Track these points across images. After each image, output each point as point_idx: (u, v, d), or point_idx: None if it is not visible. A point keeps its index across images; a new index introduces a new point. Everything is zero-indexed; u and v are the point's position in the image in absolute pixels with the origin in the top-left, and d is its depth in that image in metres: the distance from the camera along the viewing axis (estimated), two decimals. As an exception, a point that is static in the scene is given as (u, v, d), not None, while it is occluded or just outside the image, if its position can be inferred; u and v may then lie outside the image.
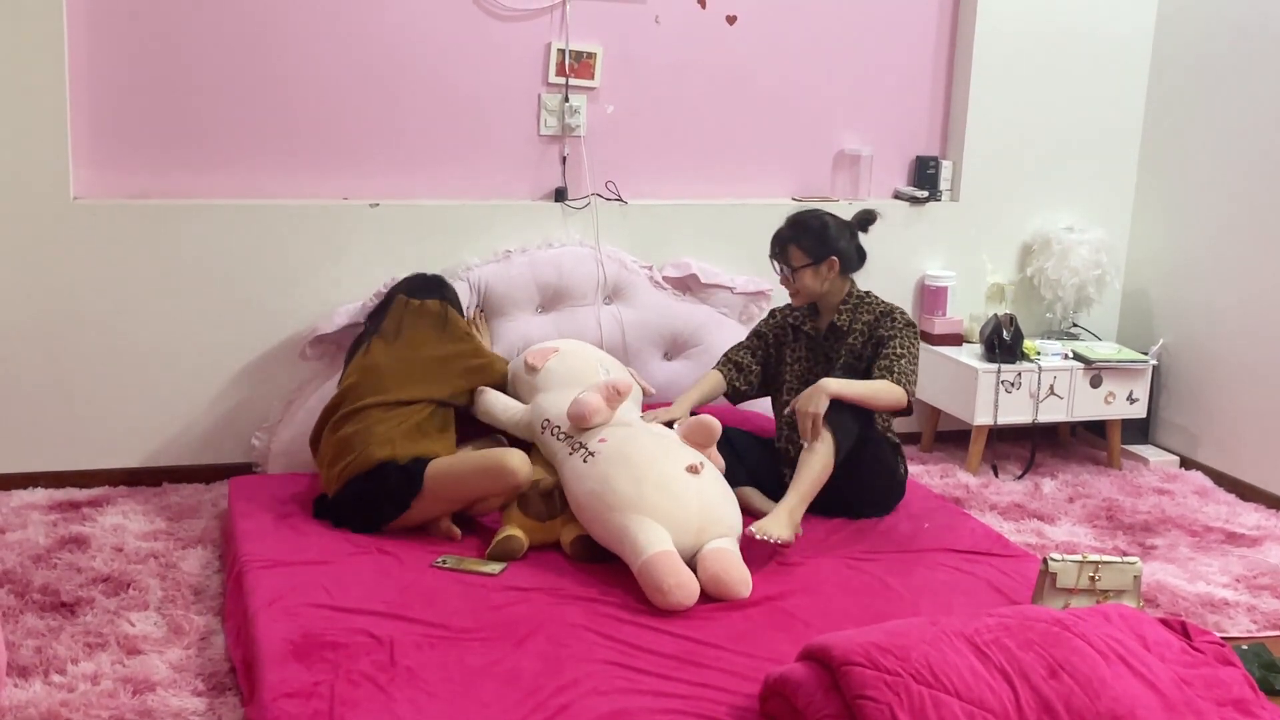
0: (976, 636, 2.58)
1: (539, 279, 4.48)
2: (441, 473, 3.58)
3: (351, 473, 3.60)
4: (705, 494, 3.41)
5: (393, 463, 3.58)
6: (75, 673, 3.03)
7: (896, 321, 3.80)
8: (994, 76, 5.01)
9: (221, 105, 4.32)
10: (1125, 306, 5.34)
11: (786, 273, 3.85)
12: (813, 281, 3.82)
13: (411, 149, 4.52)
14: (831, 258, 3.81)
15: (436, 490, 3.56)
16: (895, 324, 3.79)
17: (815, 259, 3.81)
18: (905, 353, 3.74)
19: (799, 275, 3.82)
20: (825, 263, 3.81)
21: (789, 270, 3.83)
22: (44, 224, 4.14)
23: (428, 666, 2.81)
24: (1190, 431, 5.03)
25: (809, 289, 3.84)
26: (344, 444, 3.68)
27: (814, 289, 3.84)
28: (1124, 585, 3.14)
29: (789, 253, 3.83)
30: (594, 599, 3.20)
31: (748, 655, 2.91)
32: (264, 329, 4.36)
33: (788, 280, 3.86)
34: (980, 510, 4.40)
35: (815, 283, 3.83)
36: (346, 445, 3.67)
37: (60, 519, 3.98)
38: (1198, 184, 5.01)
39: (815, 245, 3.81)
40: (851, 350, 3.82)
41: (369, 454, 3.60)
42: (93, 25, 4.15)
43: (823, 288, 3.84)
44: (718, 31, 4.74)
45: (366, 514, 3.58)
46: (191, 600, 3.47)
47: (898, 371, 3.70)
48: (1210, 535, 4.28)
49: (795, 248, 3.82)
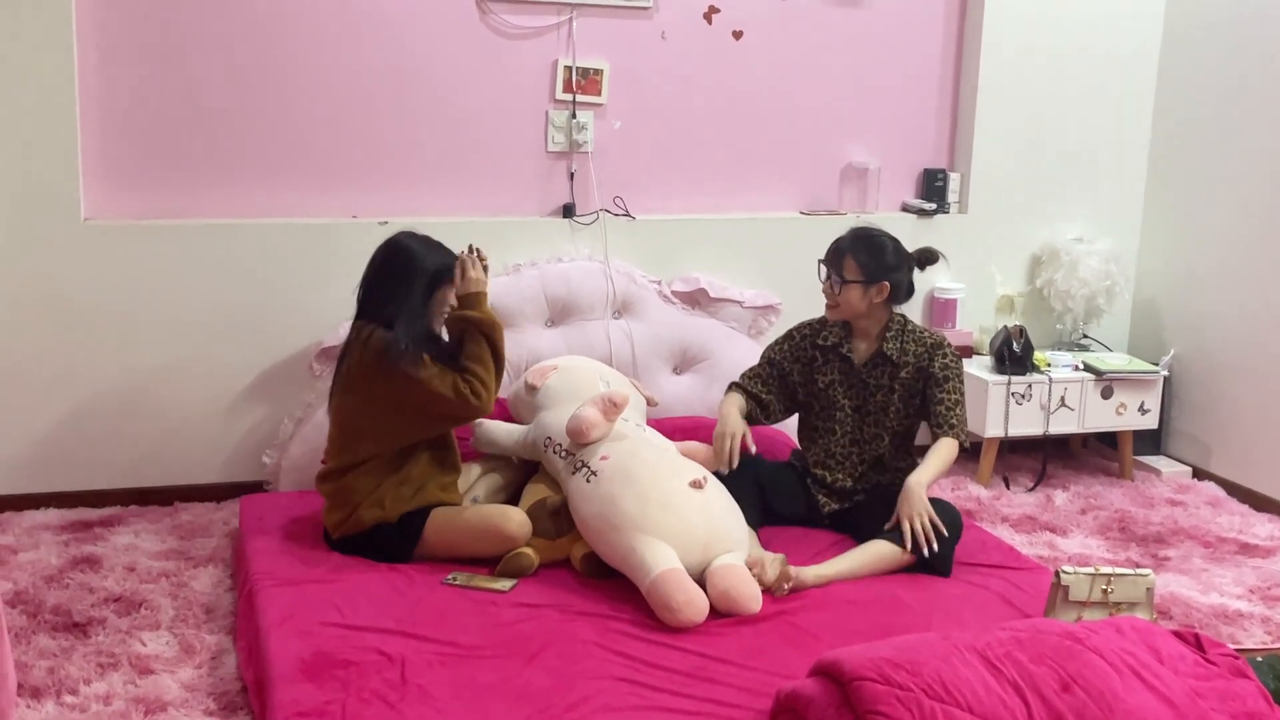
0: (988, 650, 2.57)
1: (548, 293, 4.48)
2: (438, 531, 3.51)
3: (347, 532, 3.54)
4: (710, 509, 3.40)
5: (384, 524, 3.51)
6: (87, 693, 3.04)
7: (948, 359, 3.69)
8: (1001, 88, 5.01)
9: (231, 125, 4.34)
10: (1136, 317, 5.33)
11: (835, 282, 3.70)
12: (858, 300, 3.67)
13: (420, 166, 4.53)
14: (884, 282, 3.67)
15: (435, 543, 3.52)
16: (948, 362, 3.68)
17: (869, 278, 3.66)
18: (961, 398, 3.68)
19: (846, 289, 3.67)
20: (877, 286, 3.66)
21: (838, 281, 3.69)
22: (55, 245, 4.16)
23: (439, 684, 2.81)
24: (1202, 442, 5.01)
25: (851, 306, 3.69)
26: (337, 496, 3.57)
27: (856, 308, 3.69)
28: (1137, 597, 3.13)
29: (844, 263, 3.68)
30: (604, 615, 3.19)
31: (759, 671, 2.90)
32: (274, 348, 4.37)
33: (831, 291, 3.72)
34: (992, 523, 4.39)
35: (860, 302, 3.68)
36: (340, 499, 3.56)
37: (72, 539, 3.99)
38: (1207, 193, 5.00)
39: (873, 264, 3.66)
40: (905, 385, 3.71)
41: (359, 518, 3.51)
42: (102, 47, 4.18)
43: (865, 309, 3.70)
44: (724, 47, 4.75)
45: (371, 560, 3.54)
46: (203, 619, 3.47)
47: (956, 423, 3.65)
48: (1224, 546, 4.26)
49: (852, 260, 3.67)
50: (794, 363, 3.84)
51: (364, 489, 3.53)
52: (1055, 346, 5.14)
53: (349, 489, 3.54)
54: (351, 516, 3.53)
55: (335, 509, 3.57)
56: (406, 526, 3.51)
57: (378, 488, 3.52)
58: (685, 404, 4.57)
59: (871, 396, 3.75)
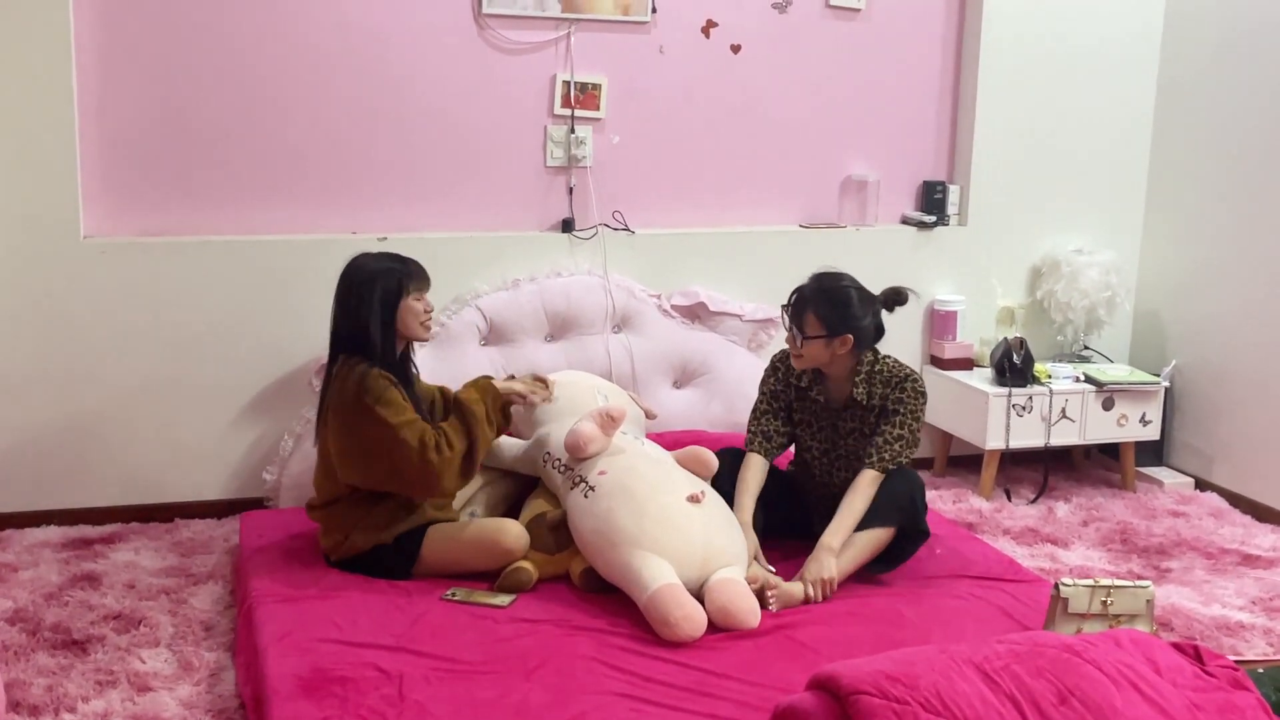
0: (986, 664, 2.56)
1: (548, 307, 4.49)
2: (436, 548, 3.51)
3: (345, 554, 3.54)
4: (708, 524, 3.40)
5: (381, 546, 3.51)
6: (86, 710, 3.03)
7: (906, 395, 3.62)
8: (1000, 100, 5.01)
9: (230, 142, 4.35)
10: (1137, 328, 5.32)
11: (796, 335, 3.63)
12: (820, 353, 3.60)
13: (419, 182, 4.54)
14: (847, 335, 3.59)
15: (433, 560, 3.52)
16: (903, 398, 3.62)
17: (830, 333, 3.58)
18: (908, 435, 3.60)
19: (808, 344, 3.60)
20: (839, 339, 3.58)
21: (799, 336, 3.62)
22: (55, 263, 4.17)
23: (437, 700, 2.81)
24: (1204, 453, 5.00)
25: (814, 358, 3.62)
26: (330, 522, 3.57)
27: (820, 359, 3.62)
28: (1137, 609, 3.11)
29: (804, 318, 3.60)
30: (603, 630, 3.19)
31: (757, 685, 2.90)
32: (274, 364, 4.38)
33: (794, 342, 3.65)
34: (993, 535, 4.38)
35: (824, 354, 3.61)
36: (333, 524, 3.55)
37: (72, 556, 3.99)
38: (1207, 203, 5.00)
39: (834, 318, 3.58)
40: (865, 423, 3.68)
41: (354, 542, 3.51)
42: (101, 65, 4.19)
43: (829, 360, 3.63)
44: (722, 60, 4.76)
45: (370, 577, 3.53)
46: (202, 636, 3.47)
47: (888, 458, 3.57)
48: (1225, 557, 4.24)
49: (813, 315, 3.58)
50: (781, 396, 3.80)
51: (356, 515, 3.53)
52: (1056, 358, 5.13)
53: (341, 515, 3.55)
54: (347, 540, 3.52)
55: (330, 533, 3.57)
56: (404, 546, 3.51)
57: (370, 513, 3.52)
58: (686, 418, 4.57)
59: (843, 440, 3.72)
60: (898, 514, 3.55)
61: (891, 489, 3.57)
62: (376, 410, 3.41)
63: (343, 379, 3.49)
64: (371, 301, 3.51)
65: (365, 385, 3.43)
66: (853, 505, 3.54)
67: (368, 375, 3.45)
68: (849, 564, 3.51)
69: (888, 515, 3.54)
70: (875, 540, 3.55)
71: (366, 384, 3.43)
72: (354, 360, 3.50)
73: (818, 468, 3.80)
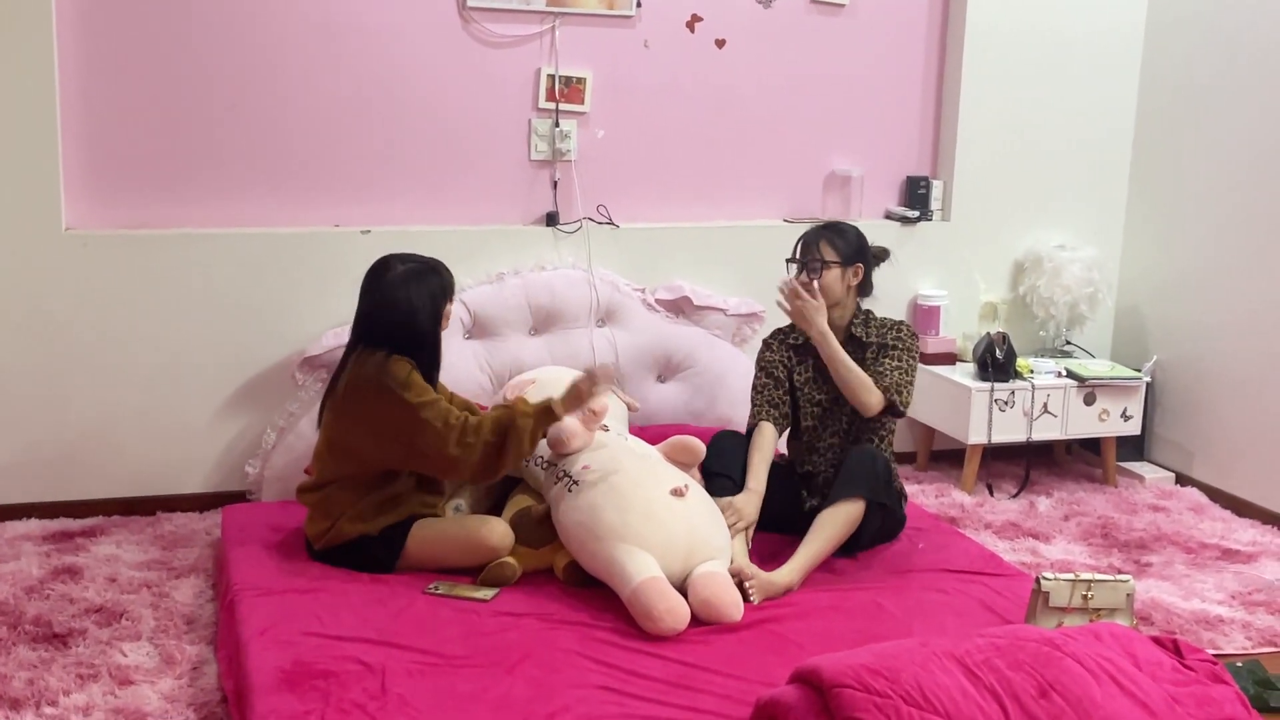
0: (967, 657, 2.57)
1: (532, 301, 4.49)
2: (421, 542, 3.51)
3: (329, 543, 3.54)
4: (692, 517, 3.40)
5: (367, 536, 3.51)
6: (67, 704, 3.02)
7: (903, 334, 3.81)
8: (983, 96, 5.03)
9: (212, 135, 4.34)
10: (1118, 324, 5.35)
11: (814, 266, 3.74)
12: (837, 284, 3.76)
13: (403, 176, 4.53)
14: (859, 264, 3.79)
15: (418, 554, 3.52)
16: (902, 336, 3.81)
17: (845, 260, 3.77)
18: (906, 367, 3.76)
19: (826, 271, 3.73)
20: (853, 268, 3.78)
21: (818, 264, 3.74)
22: (36, 255, 4.16)
23: (418, 694, 2.80)
24: (1185, 448, 5.03)
25: (830, 291, 3.75)
26: (319, 507, 3.56)
27: (835, 293, 3.76)
28: (1117, 603, 3.13)
29: (820, 247, 3.76)
30: (586, 624, 3.19)
31: (740, 678, 2.90)
32: (256, 358, 4.37)
33: (807, 282, 3.72)
34: (975, 529, 4.40)
35: (839, 286, 3.76)
36: (322, 509, 3.55)
37: (54, 549, 3.97)
38: (1189, 200, 5.02)
39: (848, 248, 3.78)
40: (863, 363, 3.77)
41: (341, 529, 3.51)
42: (83, 57, 4.17)
43: (843, 294, 3.78)
44: (707, 55, 4.76)
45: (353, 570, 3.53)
46: (184, 630, 3.46)
47: (890, 385, 3.71)
48: (1206, 552, 4.27)
49: (828, 244, 3.76)
50: (780, 366, 3.89)
51: (346, 502, 3.52)
52: (1038, 353, 5.15)
53: (331, 501, 3.54)
54: (333, 528, 3.52)
55: (317, 520, 3.57)
56: (389, 538, 3.51)
57: (359, 501, 3.52)
58: (671, 411, 4.57)
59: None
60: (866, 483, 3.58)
61: (859, 461, 3.62)
62: (398, 393, 3.42)
63: (360, 363, 3.50)
64: (428, 307, 3.53)
65: (387, 369, 3.44)
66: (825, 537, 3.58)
67: (390, 360, 3.46)
68: (825, 544, 3.53)
69: (855, 486, 3.58)
70: (846, 516, 3.56)
71: (389, 368, 3.44)
72: (374, 349, 3.51)
73: (829, 418, 3.85)
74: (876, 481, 3.61)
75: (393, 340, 3.51)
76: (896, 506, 3.77)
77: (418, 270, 3.57)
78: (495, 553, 3.47)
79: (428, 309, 3.53)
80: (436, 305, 3.56)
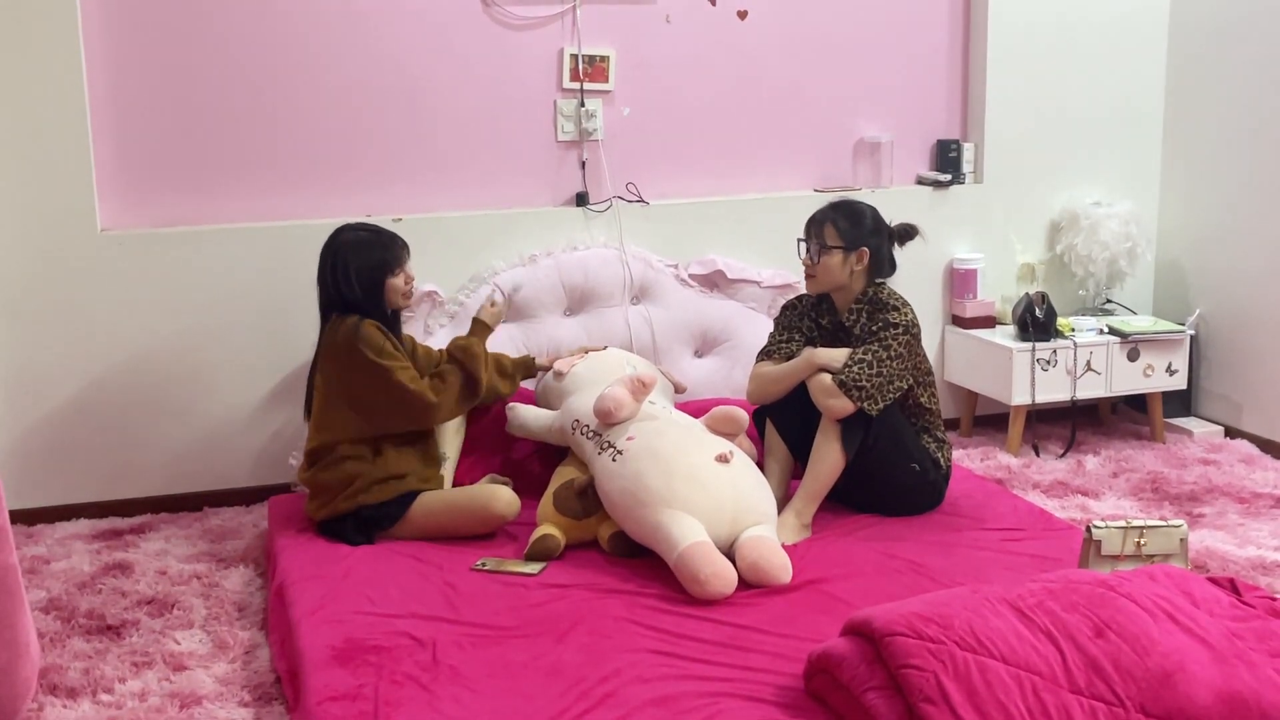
0: (1020, 601, 2.55)
1: (566, 281, 4.48)
2: (426, 511, 3.60)
3: (329, 515, 3.62)
4: (737, 483, 3.39)
5: (364, 508, 3.59)
6: (123, 691, 3.05)
7: (878, 324, 3.63)
8: (1011, 55, 4.97)
9: (242, 129, 4.36)
10: (1159, 278, 5.28)
11: (815, 249, 3.71)
12: (838, 268, 3.68)
13: (432, 162, 4.54)
14: (864, 249, 3.68)
15: (422, 523, 3.59)
16: (883, 324, 3.63)
17: (848, 245, 3.68)
18: (867, 358, 3.55)
19: (826, 257, 3.68)
20: (856, 252, 3.68)
21: (819, 247, 3.70)
22: (73, 257, 4.19)
23: (470, 664, 2.81)
24: (1233, 400, 4.95)
25: (831, 275, 3.69)
26: (316, 486, 3.67)
27: (837, 277, 3.70)
28: (1170, 549, 3.08)
29: (823, 231, 3.70)
30: (634, 592, 3.19)
31: (790, 637, 2.89)
32: (295, 349, 4.37)
33: (810, 262, 3.73)
34: (1023, 489, 4.35)
35: (840, 271, 3.69)
36: (319, 488, 3.66)
37: (104, 547, 4.01)
38: (1224, 149, 4.95)
39: (851, 231, 3.69)
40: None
41: (336, 507, 3.60)
42: (110, 58, 4.20)
43: (845, 278, 3.70)
44: (729, 28, 4.74)
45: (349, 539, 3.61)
46: (235, 616, 3.48)
47: (844, 377, 3.53)
48: (1259, 501, 4.21)
49: (832, 227, 3.69)
50: (800, 318, 3.86)
51: (343, 480, 3.61)
52: (1079, 313, 5.09)
53: (328, 480, 3.63)
54: (330, 504, 3.61)
55: (315, 497, 3.67)
56: (389, 508, 3.60)
57: (355, 480, 3.60)
58: (710, 386, 4.55)
59: None
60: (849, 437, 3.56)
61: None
62: (369, 356, 3.59)
63: (333, 330, 3.66)
64: (353, 285, 3.67)
65: (359, 334, 3.61)
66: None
67: (361, 324, 3.62)
68: (818, 466, 3.58)
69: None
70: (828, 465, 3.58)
71: (360, 333, 3.61)
72: (345, 316, 3.67)
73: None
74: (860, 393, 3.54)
75: (340, 305, 3.68)
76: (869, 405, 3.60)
77: (361, 240, 3.73)
78: (501, 519, 3.57)
79: (364, 279, 3.67)
80: (374, 276, 3.68)
